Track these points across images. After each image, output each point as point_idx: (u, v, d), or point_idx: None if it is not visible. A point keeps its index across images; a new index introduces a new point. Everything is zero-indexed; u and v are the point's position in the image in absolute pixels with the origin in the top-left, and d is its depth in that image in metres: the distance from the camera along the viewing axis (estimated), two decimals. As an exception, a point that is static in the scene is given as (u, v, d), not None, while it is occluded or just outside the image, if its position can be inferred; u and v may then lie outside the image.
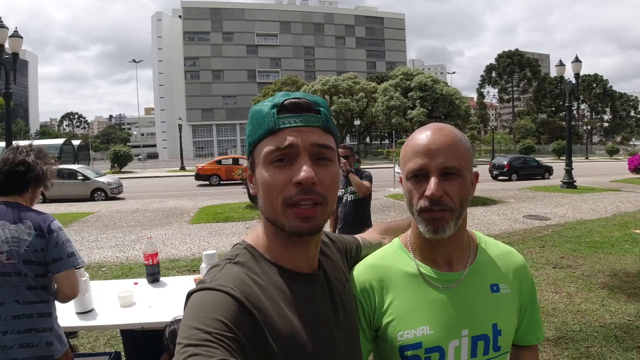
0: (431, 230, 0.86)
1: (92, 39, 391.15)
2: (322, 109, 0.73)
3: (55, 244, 1.69)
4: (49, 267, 1.69)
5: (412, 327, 0.89)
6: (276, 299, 0.70)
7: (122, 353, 2.73)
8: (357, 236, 1.11)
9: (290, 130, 0.69)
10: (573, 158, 15.45)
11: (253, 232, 0.80)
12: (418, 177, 0.86)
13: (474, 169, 0.93)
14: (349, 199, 3.80)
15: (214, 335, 0.58)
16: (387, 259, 0.98)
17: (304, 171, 0.67)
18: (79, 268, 1.75)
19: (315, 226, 0.70)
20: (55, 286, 1.74)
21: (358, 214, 3.73)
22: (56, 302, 1.77)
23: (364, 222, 3.73)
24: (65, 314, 2.00)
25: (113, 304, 2.29)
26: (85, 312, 2.22)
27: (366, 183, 3.72)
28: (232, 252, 0.77)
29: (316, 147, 0.70)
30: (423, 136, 0.88)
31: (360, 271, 0.98)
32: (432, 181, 0.84)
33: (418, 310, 0.91)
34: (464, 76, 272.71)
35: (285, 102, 0.71)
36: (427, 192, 0.84)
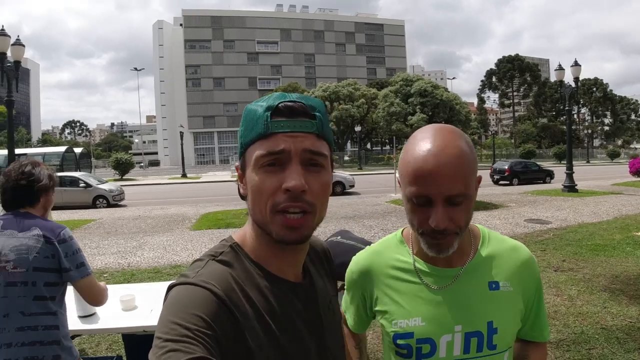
0: (434, 252, 0.86)
1: (104, 47, 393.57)
2: (317, 113, 0.70)
3: (65, 254, 1.64)
4: (62, 276, 1.64)
5: (405, 318, 0.92)
6: (254, 302, 0.69)
7: (124, 358, 2.74)
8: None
9: (282, 135, 0.67)
10: (574, 162, 15.45)
11: (241, 230, 0.79)
12: (420, 200, 0.81)
13: (478, 173, 0.88)
14: None
15: (193, 332, 0.58)
16: (389, 249, 1.01)
17: (294, 179, 0.65)
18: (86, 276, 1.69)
19: (303, 236, 0.69)
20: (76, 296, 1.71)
21: None
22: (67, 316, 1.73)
23: None
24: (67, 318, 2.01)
25: (115, 308, 2.29)
26: (87, 316, 2.23)
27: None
28: (217, 248, 0.75)
29: (308, 153, 0.68)
30: (423, 154, 0.80)
31: (365, 257, 1.02)
32: (437, 212, 0.79)
33: (412, 303, 0.93)
34: (469, 81, 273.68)
35: (280, 105, 0.68)
36: (432, 223, 0.80)
